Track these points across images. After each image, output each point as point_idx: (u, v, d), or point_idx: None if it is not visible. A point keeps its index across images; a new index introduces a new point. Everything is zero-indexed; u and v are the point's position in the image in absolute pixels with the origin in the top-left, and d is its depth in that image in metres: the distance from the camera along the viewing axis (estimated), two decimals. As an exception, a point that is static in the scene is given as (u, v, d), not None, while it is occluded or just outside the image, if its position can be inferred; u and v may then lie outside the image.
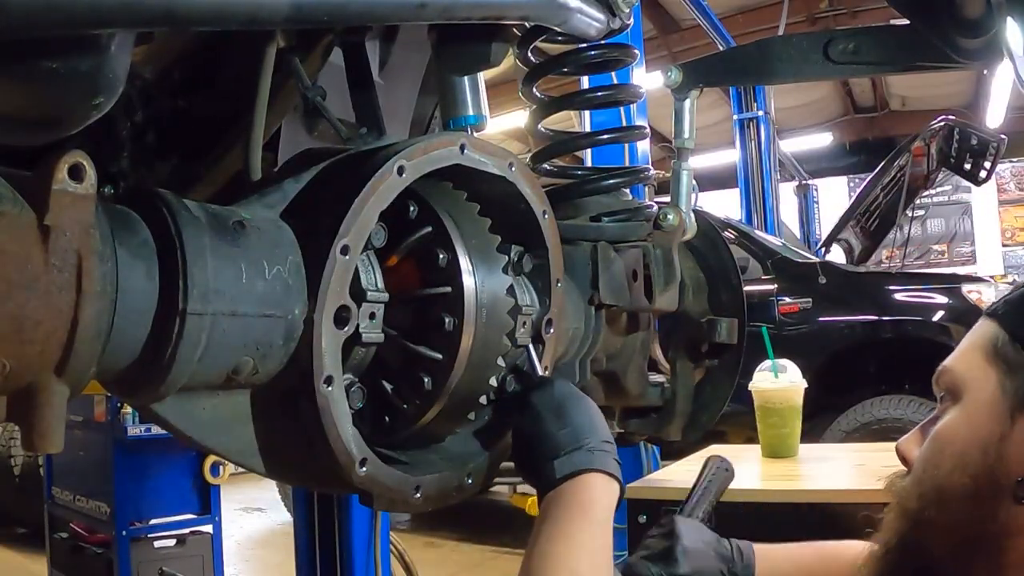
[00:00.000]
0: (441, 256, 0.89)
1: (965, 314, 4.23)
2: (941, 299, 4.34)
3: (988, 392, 0.79)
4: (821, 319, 4.47)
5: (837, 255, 6.12)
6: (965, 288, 4.32)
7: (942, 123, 5.71)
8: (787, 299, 4.52)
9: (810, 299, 4.48)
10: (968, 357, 0.83)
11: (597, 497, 0.87)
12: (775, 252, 4.81)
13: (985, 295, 4.28)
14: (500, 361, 0.95)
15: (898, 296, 4.42)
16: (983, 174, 5.84)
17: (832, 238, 6.08)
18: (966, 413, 0.81)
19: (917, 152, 5.79)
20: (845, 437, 4.06)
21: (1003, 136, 5.71)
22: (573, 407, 0.92)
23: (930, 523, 0.80)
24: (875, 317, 4.42)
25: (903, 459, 0.87)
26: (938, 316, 4.32)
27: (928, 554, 0.81)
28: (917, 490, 0.82)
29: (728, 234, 4.75)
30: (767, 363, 1.95)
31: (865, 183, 6.07)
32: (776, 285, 4.57)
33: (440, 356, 0.89)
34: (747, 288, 1.54)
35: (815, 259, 5.25)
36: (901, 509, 0.84)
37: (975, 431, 0.79)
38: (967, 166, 5.84)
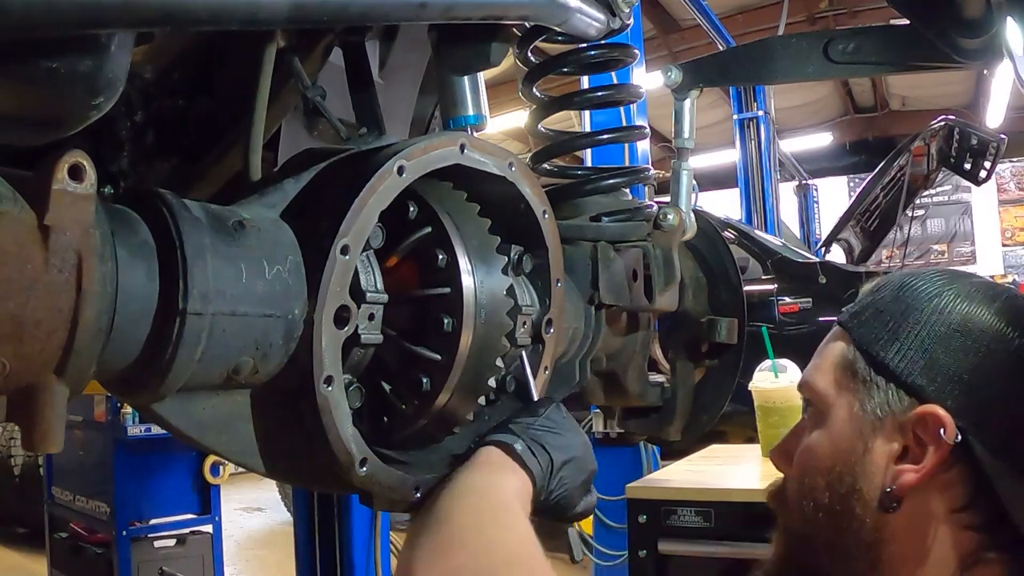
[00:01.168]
0: (440, 257, 0.89)
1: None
2: None
3: (847, 410, 0.85)
4: (821, 319, 4.47)
5: (837, 255, 6.12)
6: None
7: (942, 123, 5.72)
8: (787, 299, 4.52)
9: (810, 299, 4.48)
10: (826, 372, 0.88)
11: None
12: (775, 252, 4.81)
13: None
14: (499, 362, 0.95)
15: None
16: (983, 174, 5.84)
17: (832, 238, 6.08)
18: (830, 431, 0.86)
19: (917, 152, 5.79)
20: None
21: (1003, 136, 5.71)
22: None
23: (812, 538, 0.86)
24: None
25: (777, 466, 0.94)
26: None
27: (815, 564, 0.87)
28: (799, 510, 0.87)
29: (728, 234, 4.75)
30: (767, 363, 1.95)
31: (865, 183, 6.08)
32: (776, 285, 4.57)
33: (439, 357, 0.89)
34: (747, 288, 1.54)
35: (815, 259, 5.25)
36: (786, 528, 0.91)
37: (840, 448, 0.85)
38: (967, 166, 5.84)
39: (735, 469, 2.00)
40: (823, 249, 6.15)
